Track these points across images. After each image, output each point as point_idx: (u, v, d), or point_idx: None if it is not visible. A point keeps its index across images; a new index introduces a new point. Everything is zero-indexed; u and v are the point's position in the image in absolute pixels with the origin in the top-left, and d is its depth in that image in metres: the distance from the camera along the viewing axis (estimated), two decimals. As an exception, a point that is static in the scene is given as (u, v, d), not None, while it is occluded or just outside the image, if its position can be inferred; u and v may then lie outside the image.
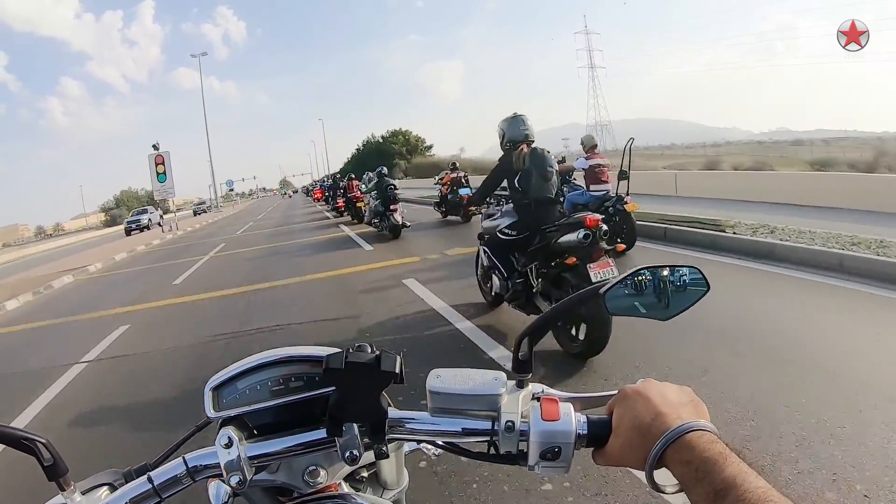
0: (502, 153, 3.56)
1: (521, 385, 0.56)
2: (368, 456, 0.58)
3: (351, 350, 0.53)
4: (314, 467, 0.60)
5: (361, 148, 61.24)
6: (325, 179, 26.86)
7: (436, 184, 12.14)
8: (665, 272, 0.61)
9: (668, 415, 0.46)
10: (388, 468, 0.70)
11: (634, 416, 0.48)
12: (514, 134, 3.48)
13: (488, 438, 0.55)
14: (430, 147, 56.43)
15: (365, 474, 0.69)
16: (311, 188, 38.29)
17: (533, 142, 3.47)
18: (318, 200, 25.53)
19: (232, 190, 31.65)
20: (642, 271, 0.60)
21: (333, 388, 0.54)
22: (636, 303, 0.61)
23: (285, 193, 62.94)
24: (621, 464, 0.50)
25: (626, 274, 0.60)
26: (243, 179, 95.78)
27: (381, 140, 56.48)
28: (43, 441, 0.56)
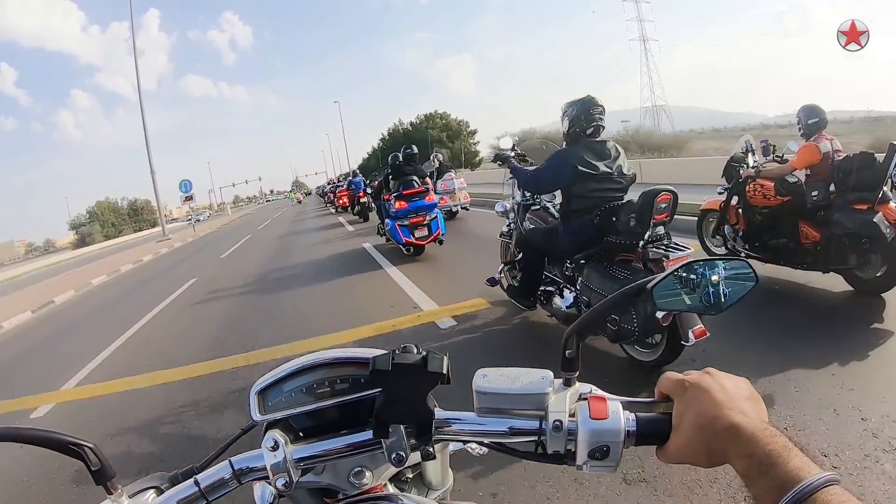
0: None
1: (568, 384, 0.63)
2: (415, 457, 0.66)
3: (397, 351, 0.60)
4: (360, 469, 0.69)
5: (387, 138, 56.74)
6: (351, 175, 22.24)
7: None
8: (713, 266, 0.69)
9: (731, 409, 0.52)
10: (433, 469, 0.79)
11: (696, 414, 0.54)
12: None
13: (536, 438, 0.62)
14: (474, 132, 53.30)
15: (410, 475, 0.78)
16: (327, 189, 33.19)
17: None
18: (344, 209, 21.02)
19: (189, 198, 27.52)
20: (691, 266, 0.69)
21: (379, 389, 0.61)
22: (684, 297, 0.69)
23: (295, 196, 62.11)
24: (685, 461, 0.56)
25: (674, 268, 0.69)
26: (246, 182, 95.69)
27: (410, 127, 52.45)
28: (90, 445, 0.63)
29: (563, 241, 3.42)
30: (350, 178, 20.34)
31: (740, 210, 4.82)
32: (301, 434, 0.69)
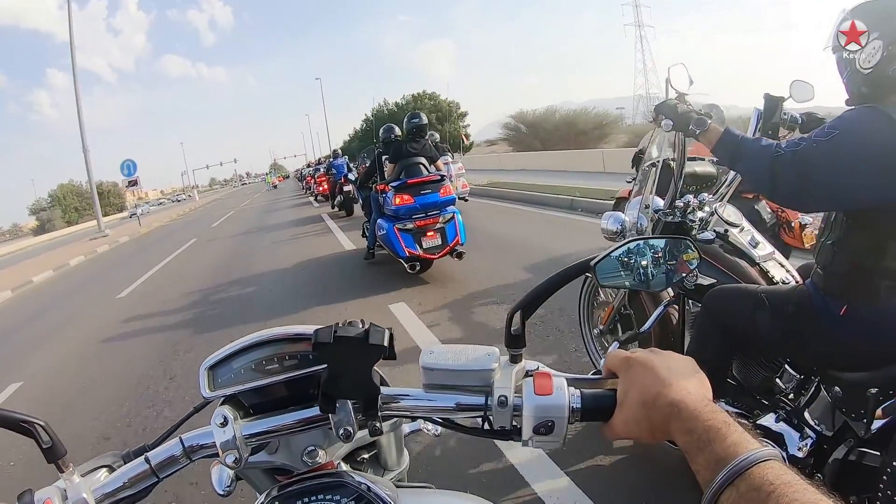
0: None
1: (514, 360, 0.67)
2: (365, 435, 0.70)
3: (341, 325, 0.62)
4: (312, 447, 0.73)
5: (371, 118, 53.99)
6: (332, 156, 17.28)
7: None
8: (655, 243, 0.77)
9: (673, 386, 0.56)
10: (388, 449, 0.85)
11: (640, 389, 0.58)
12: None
13: (482, 414, 0.66)
14: (465, 114, 50.62)
15: (365, 456, 0.83)
16: (306, 172, 29.48)
17: None
18: (325, 198, 17.76)
19: (133, 182, 22.92)
20: (633, 244, 0.75)
21: (325, 364, 0.64)
22: (626, 274, 0.76)
23: (271, 180, 58.47)
24: (629, 436, 0.60)
25: (616, 245, 0.73)
26: (221, 164, 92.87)
27: (396, 108, 49.84)
28: (41, 423, 0.65)
29: (833, 342, 1.64)
30: (331, 159, 16.63)
31: None
32: (251, 411, 0.72)
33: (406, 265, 5.77)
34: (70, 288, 10.75)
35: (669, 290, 2.38)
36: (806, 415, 1.79)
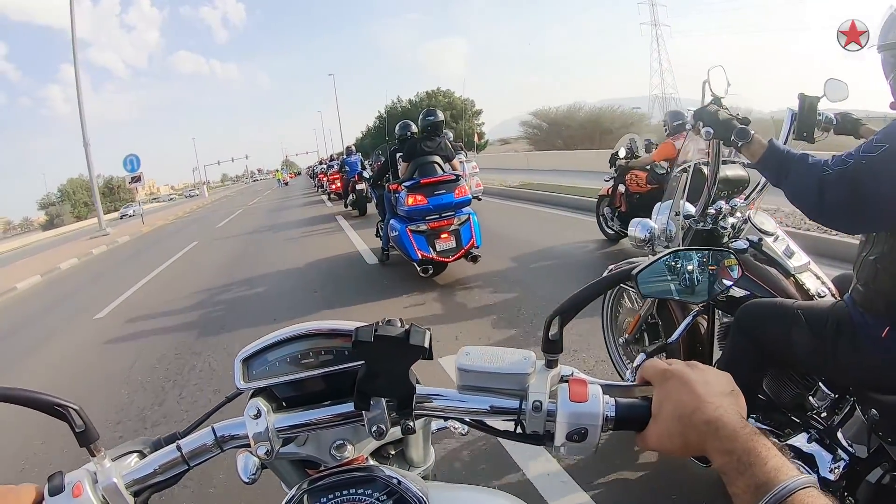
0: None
1: (550, 365, 0.67)
2: (396, 432, 0.70)
3: (381, 323, 0.63)
4: (341, 441, 0.74)
5: (384, 116, 53.90)
6: (345, 153, 16.22)
7: None
8: (697, 255, 0.82)
9: (711, 403, 0.56)
10: (415, 446, 0.85)
11: (676, 404, 0.58)
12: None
13: (515, 417, 0.66)
14: (479, 112, 50.29)
15: (392, 451, 0.84)
16: (318, 169, 28.69)
17: None
18: (338, 196, 17.12)
19: (137, 178, 21.50)
20: (676, 254, 0.77)
21: (363, 361, 0.65)
22: (669, 285, 0.77)
23: (282, 177, 58.27)
24: (662, 450, 0.60)
25: (658, 256, 0.75)
26: (232, 160, 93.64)
27: (409, 105, 49.76)
28: (75, 407, 0.66)
29: (872, 363, 1.56)
30: (344, 156, 15.90)
31: (622, 195, 6.22)
32: (284, 404, 0.73)
33: (418, 268, 5.62)
34: (50, 300, 9.47)
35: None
36: (839, 435, 1.72)
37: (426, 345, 0.62)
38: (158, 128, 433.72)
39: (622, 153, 6.38)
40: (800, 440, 1.78)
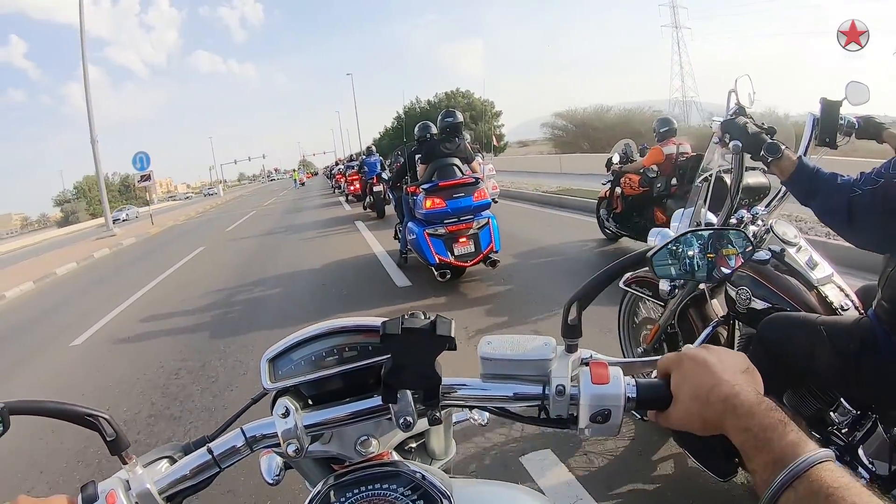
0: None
1: (570, 350, 0.70)
2: (421, 423, 0.71)
3: (406, 316, 0.65)
4: (366, 437, 0.75)
5: (402, 116, 53.95)
6: (365, 153, 15.86)
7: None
8: (709, 235, 0.81)
9: (728, 381, 0.58)
10: (436, 438, 0.88)
11: (693, 384, 0.61)
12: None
13: (539, 403, 0.69)
14: (499, 113, 49.83)
15: (413, 445, 0.86)
16: (336, 170, 28.01)
17: None
18: (357, 198, 16.85)
19: (146, 177, 21.07)
20: (687, 235, 0.80)
21: (388, 356, 0.67)
22: (682, 265, 0.80)
23: (299, 177, 57.56)
24: (682, 428, 0.63)
25: (672, 237, 0.79)
26: (249, 159, 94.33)
27: (428, 105, 49.78)
28: (106, 416, 0.69)
29: None
30: (364, 156, 15.30)
31: (618, 197, 6.63)
32: (310, 402, 0.75)
33: (436, 272, 5.58)
34: (33, 315, 8.50)
35: (719, 309, 2.32)
36: (860, 452, 1.70)
37: (452, 334, 0.64)
38: (176, 126, 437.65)
39: (616, 158, 6.92)
40: None
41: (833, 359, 1.62)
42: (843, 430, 1.78)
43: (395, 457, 0.80)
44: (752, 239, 2.04)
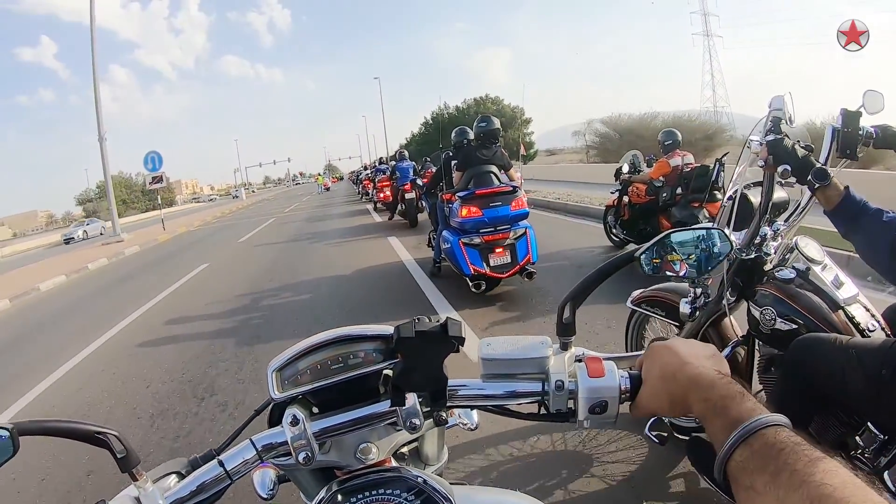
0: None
1: (565, 347, 0.75)
2: (426, 425, 0.75)
3: (417, 320, 0.68)
4: (365, 444, 0.77)
5: (430, 122, 53.62)
6: (397, 158, 14.45)
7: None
8: (691, 234, 0.86)
9: (692, 363, 0.64)
10: (429, 444, 0.90)
11: (662, 366, 0.67)
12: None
13: (539, 399, 0.73)
14: (529, 121, 48.94)
15: (405, 450, 0.88)
16: (363, 175, 26.87)
17: None
18: (386, 207, 15.55)
19: (158, 179, 20.45)
20: (671, 235, 0.84)
21: (396, 360, 0.71)
22: (669, 264, 0.85)
23: (323, 182, 56.49)
24: (652, 412, 0.68)
25: (657, 238, 0.84)
26: (274, 162, 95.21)
27: (456, 111, 49.03)
28: (115, 433, 0.70)
29: None
30: (396, 161, 14.08)
31: (626, 206, 7.10)
32: (315, 410, 0.77)
33: (470, 284, 5.42)
34: None
35: (738, 329, 2.31)
36: (885, 477, 1.70)
37: (463, 334, 0.67)
38: (203, 129, 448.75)
39: (625, 168, 7.39)
40: None
41: (864, 383, 1.61)
42: (867, 455, 1.77)
43: (395, 463, 0.83)
44: (759, 241, 2.08)
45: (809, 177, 1.75)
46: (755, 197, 2.10)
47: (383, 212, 16.38)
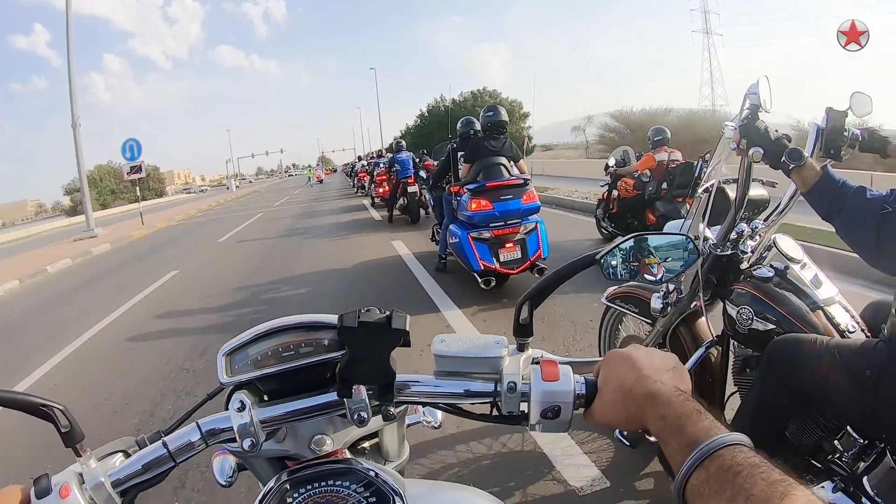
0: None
1: (521, 349, 0.74)
2: (375, 422, 0.75)
3: (362, 311, 0.66)
4: (320, 435, 0.77)
5: (426, 114, 52.98)
6: (395, 148, 13.23)
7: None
8: (656, 240, 0.83)
9: (650, 378, 0.61)
10: (389, 440, 0.88)
11: (619, 378, 0.64)
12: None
13: (491, 400, 0.71)
14: (527, 115, 48.31)
15: (366, 445, 0.86)
16: (359, 167, 25.30)
17: None
18: (384, 202, 14.29)
19: (136, 168, 18.81)
20: (635, 238, 0.82)
21: (342, 352, 0.70)
22: (629, 268, 0.82)
23: (315, 174, 54.24)
24: (607, 423, 0.66)
25: (619, 241, 0.81)
26: (266, 153, 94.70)
27: (453, 104, 48.24)
28: (60, 407, 0.68)
29: None
30: (393, 153, 12.90)
31: (615, 199, 7.43)
32: (266, 398, 0.76)
33: (479, 280, 5.27)
34: None
35: (712, 330, 2.25)
36: (864, 482, 1.66)
37: (407, 328, 0.66)
38: (196, 119, 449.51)
39: (612, 162, 7.80)
40: (824, 490, 1.74)
41: (848, 385, 1.58)
42: (845, 460, 1.75)
43: (349, 455, 0.82)
44: (738, 246, 2.06)
45: (783, 158, 1.73)
46: (733, 192, 2.07)
47: (381, 207, 15.36)
